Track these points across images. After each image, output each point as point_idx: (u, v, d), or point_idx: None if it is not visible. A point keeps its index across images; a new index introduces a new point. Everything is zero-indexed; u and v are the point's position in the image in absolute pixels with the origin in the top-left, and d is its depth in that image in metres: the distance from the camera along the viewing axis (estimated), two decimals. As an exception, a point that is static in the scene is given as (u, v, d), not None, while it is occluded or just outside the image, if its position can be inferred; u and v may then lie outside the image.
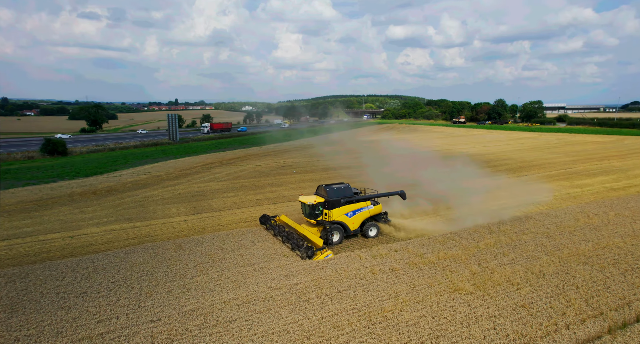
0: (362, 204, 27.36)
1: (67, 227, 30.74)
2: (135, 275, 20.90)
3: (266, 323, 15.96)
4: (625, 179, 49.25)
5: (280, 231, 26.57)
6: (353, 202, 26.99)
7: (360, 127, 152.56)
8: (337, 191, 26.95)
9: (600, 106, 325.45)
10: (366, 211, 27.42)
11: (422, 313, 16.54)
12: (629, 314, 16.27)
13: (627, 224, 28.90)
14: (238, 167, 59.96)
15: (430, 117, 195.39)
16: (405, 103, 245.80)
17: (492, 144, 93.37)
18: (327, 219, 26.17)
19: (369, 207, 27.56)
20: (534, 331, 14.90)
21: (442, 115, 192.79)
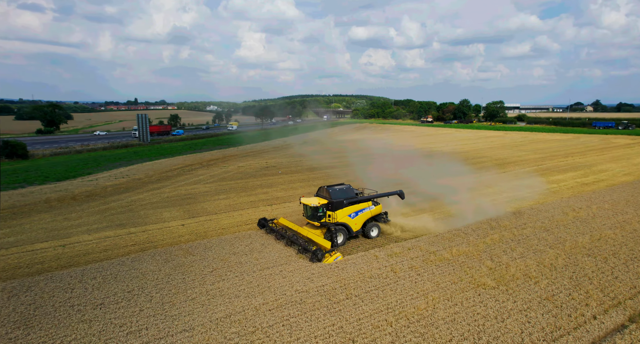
0: (364, 205, 27.31)
1: (54, 235, 28.85)
2: (150, 283, 19.96)
3: (305, 327, 15.75)
4: (592, 174, 52.59)
5: (282, 234, 26.16)
6: (355, 203, 26.87)
7: (333, 126, 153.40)
8: (339, 192, 26.74)
9: (549, 106, 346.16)
10: (368, 211, 27.39)
11: (454, 309, 16.93)
12: None
13: (611, 217, 30.94)
14: (221, 169, 58.62)
15: (398, 116, 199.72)
16: (373, 103, 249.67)
17: (463, 142, 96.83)
18: (331, 220, 25.84)
19: (370, 208, 27.54)
20: (565, 323, 15.65)
21: (409, 115, 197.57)
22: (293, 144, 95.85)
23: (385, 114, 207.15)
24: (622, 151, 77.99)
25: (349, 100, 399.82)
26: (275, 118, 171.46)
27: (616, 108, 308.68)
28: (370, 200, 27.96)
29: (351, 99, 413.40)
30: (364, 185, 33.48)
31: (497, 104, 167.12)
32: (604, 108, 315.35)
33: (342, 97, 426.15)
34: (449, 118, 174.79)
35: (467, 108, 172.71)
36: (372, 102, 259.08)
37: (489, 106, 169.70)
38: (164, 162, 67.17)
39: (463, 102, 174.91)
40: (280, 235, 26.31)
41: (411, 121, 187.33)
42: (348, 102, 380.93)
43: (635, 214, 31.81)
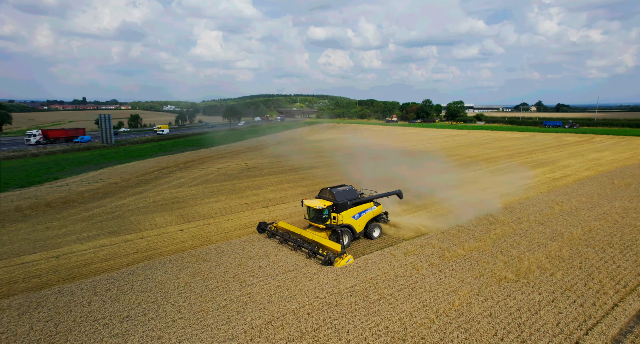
0: (367, 206, 27.28)
1: (41, 246, 26.79)
2: (172, 292, 19.06)
3: (351, 329, 15.72)
4: (557, 170, 56.20)
5: (286, 238, 25.57)
6: (358, 204, 26.75)
7: (301, 126, 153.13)
8: (343, 193, 26.43)
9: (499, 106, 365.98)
10: (370, 212, 27.38)
11: (487, 304, 17.57)
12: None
13: (592, 209, 33.31)
14: (200, 171, 56.87)
15: (363, 116, 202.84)
16: (338, 103, 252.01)
17: (432, 141, 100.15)
18: (336, 222, 25.42)
19: (372, 209, 27.56)
20: (593, 312, 16.72)
21: (374, 114, 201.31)
22: (267, 144, 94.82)
23: (351, 114, 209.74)
24: (575, 148, 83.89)
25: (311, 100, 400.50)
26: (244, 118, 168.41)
27: (555, 108, 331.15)
28: (372, 201, 28.09)
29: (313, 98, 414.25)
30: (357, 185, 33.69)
31: (458, 104, 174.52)
32: (546, 108, 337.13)
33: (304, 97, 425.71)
34: (412, 118, 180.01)
35: (430, 108, 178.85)
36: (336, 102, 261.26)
37: (450, 106, 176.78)
38: (137, 165, 64.19)
39: (425, 102, 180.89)
40: (284, 239, 25.70)
41: (376, 121, 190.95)
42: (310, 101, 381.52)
43: (610, 206, 34.42)
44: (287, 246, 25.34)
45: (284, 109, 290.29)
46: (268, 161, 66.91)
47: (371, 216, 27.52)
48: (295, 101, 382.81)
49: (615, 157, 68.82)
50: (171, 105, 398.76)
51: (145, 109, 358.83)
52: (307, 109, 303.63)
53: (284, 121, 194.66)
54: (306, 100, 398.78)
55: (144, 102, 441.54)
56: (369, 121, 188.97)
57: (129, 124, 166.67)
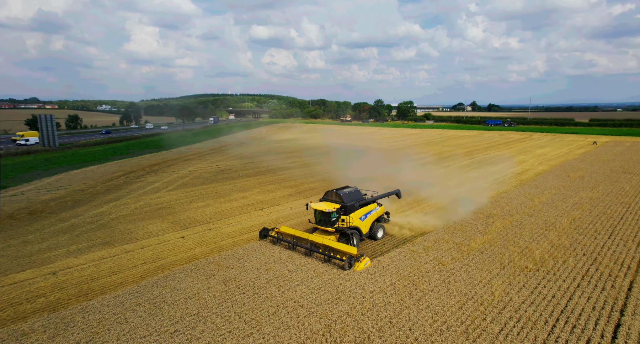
0: (371, 207, 27.33)
1: (28, 263, 24.13)
2: (212, 302, 18.11)
3: (413, 326, 15.99)
4: (517, 165, 60.78)
5: (294, 243, 24.82)
6: (364, 206, 26.67)
7: (256, 127, 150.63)
8: (350, 195, 26.18)
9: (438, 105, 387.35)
10: (374, 213, 27.45)
11: (524, 293, 18.71)
12: (644, 267, 21.41)
13: (566, 200, 36.55)
14: (171, 175, 54.09)
15: (317, 116, 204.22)
16: (290, 103, 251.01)
17: (392, 139, 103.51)
18: (345, 225, 25.02)
19: (376, 209, 27.70)
20: (617, 293, 18.47)
21: (327, 114, 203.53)
22: (229, 145, 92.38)
23: (304, 114, 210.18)
24: (521, 145, 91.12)
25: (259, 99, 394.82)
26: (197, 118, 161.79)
27: (487, 108, 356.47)
28: (375, 201, 28.23)
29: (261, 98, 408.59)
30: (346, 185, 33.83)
31: (408, 104, 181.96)
32: (479, 108, 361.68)
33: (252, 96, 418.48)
34: (365, 117, 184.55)
35: (381, 108, 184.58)
36: (288, 102, 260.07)
37: (401, 106, 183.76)
38: (97, 170, 59.61)
39: (377, 102, 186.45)
40: (293, 244, 24.87)
41: (330, 120, 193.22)
42: (259, 101, 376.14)
43: (579, 196, 37.99)
44: (295, 251, 24.45)
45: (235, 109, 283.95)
46: (239, 162, 65.22)
47: (375, 216, 27.58)
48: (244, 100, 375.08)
49: (557, 153, 75.83)
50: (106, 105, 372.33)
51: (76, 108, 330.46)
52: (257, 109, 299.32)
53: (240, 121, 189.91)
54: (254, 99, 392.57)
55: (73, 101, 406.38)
56: (323, 121, 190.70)
57: (67, 125, 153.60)
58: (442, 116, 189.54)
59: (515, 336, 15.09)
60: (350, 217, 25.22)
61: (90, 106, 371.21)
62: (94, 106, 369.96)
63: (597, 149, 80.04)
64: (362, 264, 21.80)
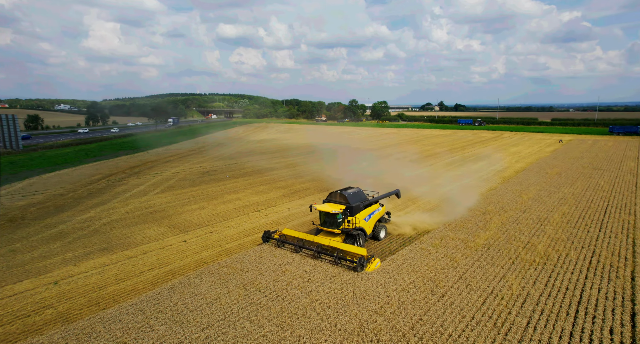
0: (375, 207, 27.42)
1: (24, 273, 22.76)
2: (236, 306, 17.71)
3: (445, 323, 16.30)
4: (496, 163, 62.91)
5: (301, 245, 24.30)
6: (368, 206, 26.73)
7: (232, 127, 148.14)
8: (354, 196, 25.93)
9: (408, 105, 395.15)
10: (377, 213, 27.51)
11: (538, 286, 19.41)
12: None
13: (551, 196, 38.28)
14: (155, 177, 52.39)
15: (291, 116, 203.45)
16: (263, 102, 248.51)
17: (372, 139, 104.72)
18: (350, 226, 24.83)
19: (379, 210, 27.80)
20: (623, 283, 19.58)
21: (302, 114, 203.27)
22: (208, 146, 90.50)
23: (279, 114, 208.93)
24: (495, 143, 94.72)
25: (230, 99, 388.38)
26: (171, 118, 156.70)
27: (454, 108, 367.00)
28: (377, 202, 28.36)
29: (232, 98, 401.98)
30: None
31: (382, 104, 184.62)
32: (447, 108, 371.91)
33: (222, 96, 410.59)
34: (340, 117, 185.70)
35: (356, 108, 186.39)
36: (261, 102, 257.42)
37: (375, 106, 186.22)
38: (72, 173, 56.93)
39: (352, 102, 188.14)
40: (299, 247, 24.27)
41: (305, 120, 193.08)
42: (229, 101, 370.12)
43: (561, 192, 39.89)
44: (301, 254, 23.99)
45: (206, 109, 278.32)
46: (223, 163, 64.02)
47: (378, 217, 27.64)
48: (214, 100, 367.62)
49: (530, 151, 79.26)
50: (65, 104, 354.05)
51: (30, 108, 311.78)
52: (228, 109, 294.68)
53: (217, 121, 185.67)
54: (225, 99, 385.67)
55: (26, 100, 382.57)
56: (298, 121, 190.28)
57: (26, 125, 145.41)
58: (415, 116, 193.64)
59: (543, 328, 15.69)
60: (356, 218, 25.13)
61: (46, 105, 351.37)
62: (50, 105, 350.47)
63: (564, 146, 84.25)
64: (373, 265, 21.70)
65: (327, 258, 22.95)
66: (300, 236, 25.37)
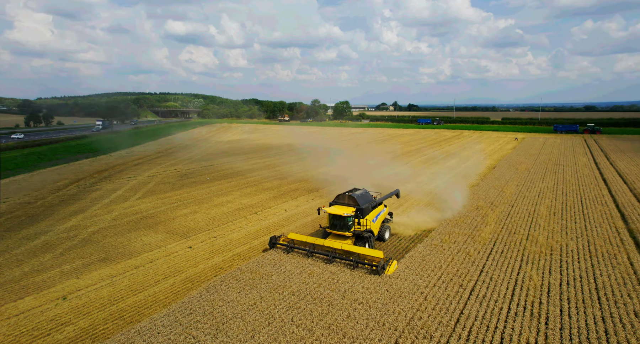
0: (380, 208, 27.52)
1: (22, 290, 20.83)
2: (276, 312, 17.26)
3: (487, 315, 16.92)
4: (466, 160, 65.96)
5: (312, 250, 23.39)
6: (375, 208, 26.68)
7: (192, 128, 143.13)
8: (363, 197, 25.79)
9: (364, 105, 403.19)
10: (383, 214, 27.60)
11: (555, 276, 20.64)
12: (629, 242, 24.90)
13: (530, 190, 40.81)
14: (130, 181, 49.60)
15: (252, 116, 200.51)
16: (224, 102, 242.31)
17: (341, 138, 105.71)
18: (362, 228, 24.58)
19: (384, 210, 27.93)
20: (626, 268, 21.35)
21: (264, 114, 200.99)
22: (174, 147, 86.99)
23: (239, 114, 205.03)
24: (459, 141, 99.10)
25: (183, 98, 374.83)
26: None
27: (407, 108, 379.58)
28: (382, 203, 28.39)
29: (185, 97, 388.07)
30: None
31: (344, 104, 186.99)
32: (401, 108, 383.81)
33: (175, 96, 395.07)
34: (303, 117, 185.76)
35: (319, 107, 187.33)
36: (221, 102, 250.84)
37: (338, 106, 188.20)
38: (29, 179, 52.58)
39: (314, 102, 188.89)
40: (311, 252, 23.42)
41: (267, 120, 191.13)
42: (183, 100, 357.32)
43: (537, 187, 42.60)
44: (315, 258, 23.20)
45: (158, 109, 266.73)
46: (198, 165, 61.83)
47: (383, 217, 27.66)
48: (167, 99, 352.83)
49: (492, 148, 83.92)
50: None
51: None
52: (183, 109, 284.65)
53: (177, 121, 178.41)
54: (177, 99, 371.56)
55: None
56: (260, 121, 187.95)
57: None
58: (376, 116, 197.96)
59: (576, 315, 16.77)
60: (366, 219, 24.93)
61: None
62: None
63: (520, 144, 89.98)
64: (392, 267, 21.36)
65: (344, 262, 22.33)
66: (309, 240, 24.52)
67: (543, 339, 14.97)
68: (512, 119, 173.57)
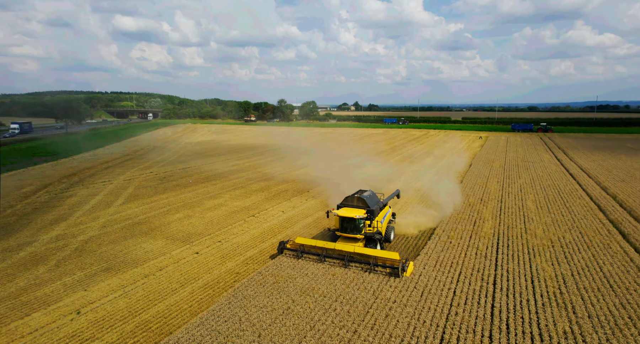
0: (386, 210, 27.56)
1: (24, 306, 19.21)
2: (315, 316, 17.03)
3: (524, 308, 17.69)
4: (442, 158, 68.25)
5: (325, 255, 22.92)
6: (382, 209, 26.65)
7: (155, 129, 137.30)
8: (371, 199, 25.64)
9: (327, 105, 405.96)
10: (388, 215, 27.72)
11: (564, 266, 21.89)
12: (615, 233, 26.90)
13: (511, 186, 42.89)
14: (106, 186, 46.88)
15: (216, 116, 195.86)
16: (183, 102, 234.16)
17: (313, 139, 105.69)
18: (372, 230, 24.25)
19: (389, 212, 28.04)
20: (622, 256, 23.03)
21: (228, 114, 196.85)
22: (142, 149, 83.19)
23: (202, 114, 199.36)
24: (429, 140, 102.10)
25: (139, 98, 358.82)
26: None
27: (368, 108, 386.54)
28: (387, 204, 28.45)
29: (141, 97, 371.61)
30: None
31: (310, 104, 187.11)
32: (362, 108, 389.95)
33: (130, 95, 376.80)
34: (269, 117, 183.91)
35: (285, 107, 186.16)
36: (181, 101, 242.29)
37: (304, 106, 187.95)
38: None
39: (281, 102, 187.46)
40: (324, 256, 22.85)
41: (232, 121, 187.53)
42: (139, 100, 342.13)
43: (517, 183, 44.90)
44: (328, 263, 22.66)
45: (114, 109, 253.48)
46: (174, 168, 59.47)
47: (389, 218, 27.70)
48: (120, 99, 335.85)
49: (462, 147, 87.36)
50: None
51: None
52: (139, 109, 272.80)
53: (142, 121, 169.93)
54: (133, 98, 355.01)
55: None
56: (225, 121, 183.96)
57: None
58: (342, 115, 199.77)
59: (597, 302, 17.89)
60: (376, 221, 24.70)
61: None
62: None
63: (486, 143, 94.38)
64: (410, 269, 21.23)
65: (361, 265, 21.97)
66: (318, 244, 23.90)
67: (577, 328, 15.83)
68: (472, 118, 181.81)
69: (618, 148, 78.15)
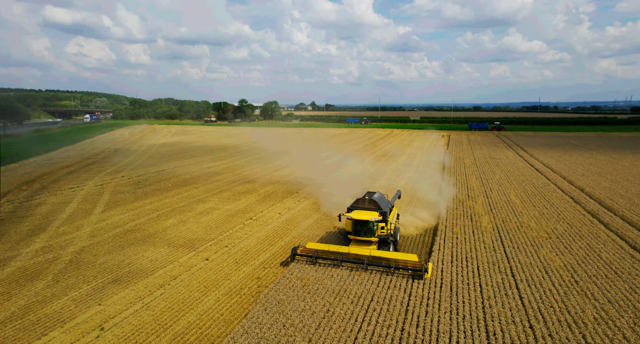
0: (394, 211, 27.72)
1: (35, 326, 17.55)
2: (358, 317, 17.00)
3: (552, 298, 18.70)
4: (415, 157, 70.30)
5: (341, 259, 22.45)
6: (391, 210, 26.57)
7: (109, 130, 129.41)
8: (382, 200, 25.58)
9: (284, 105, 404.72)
10: (395, 216, 27.84)
11: (569, 257, 23.46)
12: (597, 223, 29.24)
13: (490, 182, 45.22)
14: (77, 193, 43.68)
15: (173, 117, 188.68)
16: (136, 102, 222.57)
17: (282, 139, 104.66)
18: (386, 232, 24.14)
19: (396, 213, 28.25)
20: (616, 247, 25.09)
21: (186, 114, 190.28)
22: (102, 152, 78.31)
23: (158, 115, 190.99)
24: (396, 139, 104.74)
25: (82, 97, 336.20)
26: None
27: (325, 108, 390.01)
28: (393, 205, 28.47)
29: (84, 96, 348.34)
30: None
31: (272, 104, 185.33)
32: (319, 107, 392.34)
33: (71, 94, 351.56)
34: (230, 117, 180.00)
35: (246, 107, 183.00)
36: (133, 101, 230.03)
37: (267, 105, 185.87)
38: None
39: (242, 102, 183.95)
40: (341, 261, 22.42)
41: (191, 121, 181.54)
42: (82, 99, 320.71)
43: (495, 179, 47.39)
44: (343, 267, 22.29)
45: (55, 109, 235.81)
46: (146, 171, 56.51)
47: (395, 220, 27.77)
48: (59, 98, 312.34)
49: (429, 145, 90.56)
50: None
51: None
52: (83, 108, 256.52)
53: None
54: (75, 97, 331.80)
55: None
56: (183, 122, 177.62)
57: None
58: (304, 115, 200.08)
59: (610, 288, 19.32)
60: (389, 223, 24.73)
61: None
62: None
63: (451, 141, 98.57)
64: (430, 269, 21.11)
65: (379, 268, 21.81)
66: (331, 248, 23.52)
67: (604, 314, 17.03)
68: (430, 118, 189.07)
69: (565, 145, 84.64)
